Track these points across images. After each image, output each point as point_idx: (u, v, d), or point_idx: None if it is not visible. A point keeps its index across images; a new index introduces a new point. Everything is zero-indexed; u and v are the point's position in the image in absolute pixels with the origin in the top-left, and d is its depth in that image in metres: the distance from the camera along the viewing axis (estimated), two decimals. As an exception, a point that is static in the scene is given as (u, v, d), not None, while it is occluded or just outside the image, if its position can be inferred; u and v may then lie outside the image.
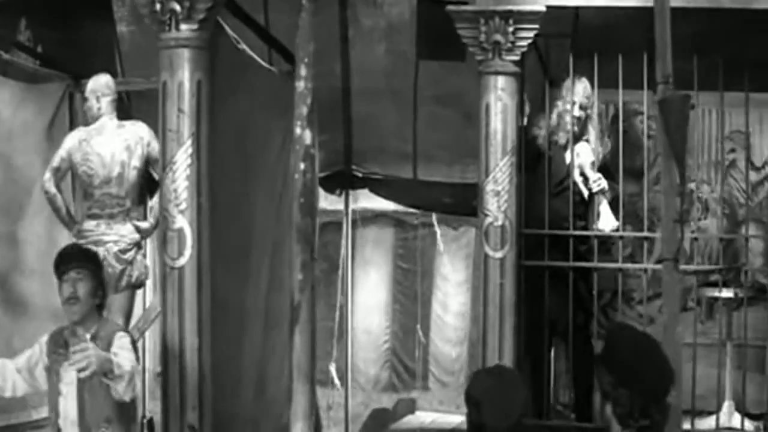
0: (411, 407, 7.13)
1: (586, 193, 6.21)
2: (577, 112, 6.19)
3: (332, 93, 7.50)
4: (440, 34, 5.99)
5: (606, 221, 6.19)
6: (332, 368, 9.12)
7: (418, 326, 9.07)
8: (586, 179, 6.21)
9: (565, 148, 6.24)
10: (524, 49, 5.68)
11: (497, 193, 5.64)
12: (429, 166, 7.79)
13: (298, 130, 4.36)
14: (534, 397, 5.88)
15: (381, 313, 9.43)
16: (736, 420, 6.37)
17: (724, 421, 6.40)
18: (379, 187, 8.11)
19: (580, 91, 6.19)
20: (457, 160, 7.36)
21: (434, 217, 9.43)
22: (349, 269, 8.57)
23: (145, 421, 5.23)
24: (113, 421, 4.52)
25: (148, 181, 6.25)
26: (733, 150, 6.74)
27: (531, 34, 5.66)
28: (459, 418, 6.76)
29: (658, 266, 6.37)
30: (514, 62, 5.68)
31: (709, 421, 6.34)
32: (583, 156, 6.23)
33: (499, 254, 5.65)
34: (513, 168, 5.67)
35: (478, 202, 5.68)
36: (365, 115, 7.70)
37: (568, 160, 6.23)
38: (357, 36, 7.41)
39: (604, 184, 6.18)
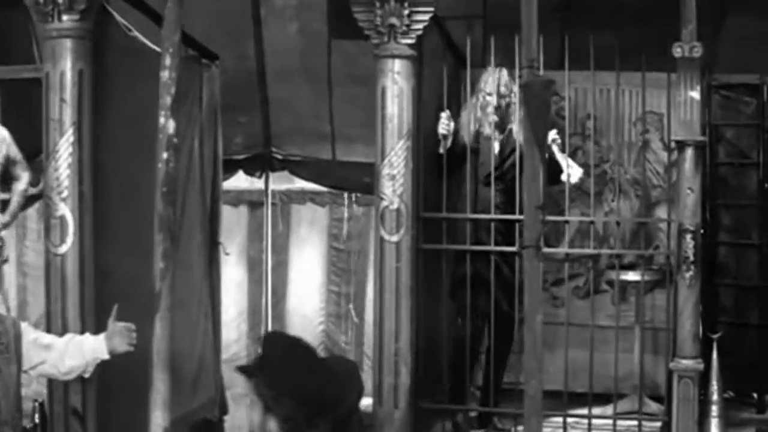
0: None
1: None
2: (495, 102, 6.20)
3: (247, 75, 7.45)
4: (351, 13, 5.94)
5: (574, 172, 6.20)
6: (261, 350, 9.04)
7: (351, 306, 9.04)
8: None
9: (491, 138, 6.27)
10: (420, 32, 5.66)
11: (392, 177, 5.65)
12: (348, 146, 7.73)
13: (162, 120, 4.37)
14: (434, 380, 5.91)
15: (316, 295, 9.37)
16: (646, 403, 6.38)
17: (633, 404, 6.40)
18: (299, 168, 8.07)
19: (490, 80, 6.21)
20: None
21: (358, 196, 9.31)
22: (269, 253, 8.60)
23: (36, 404, 5.29)
24: (20, 410, 4.58)
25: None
26: (647, 131, 6.71)
27: (427, 17, 5.64)
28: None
29: (573, 251, 6.45)
30: (410, 45, 5.66)
31: (622, 405, 6.34)
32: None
33: (394, 238, 5.66)
34: (409, 152, 5.67)
35: (374, 185, 5.69)
36: (281, 96, 7.63)
37: (497, 149, 6.28)
38: (269, 15, 7.33)
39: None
